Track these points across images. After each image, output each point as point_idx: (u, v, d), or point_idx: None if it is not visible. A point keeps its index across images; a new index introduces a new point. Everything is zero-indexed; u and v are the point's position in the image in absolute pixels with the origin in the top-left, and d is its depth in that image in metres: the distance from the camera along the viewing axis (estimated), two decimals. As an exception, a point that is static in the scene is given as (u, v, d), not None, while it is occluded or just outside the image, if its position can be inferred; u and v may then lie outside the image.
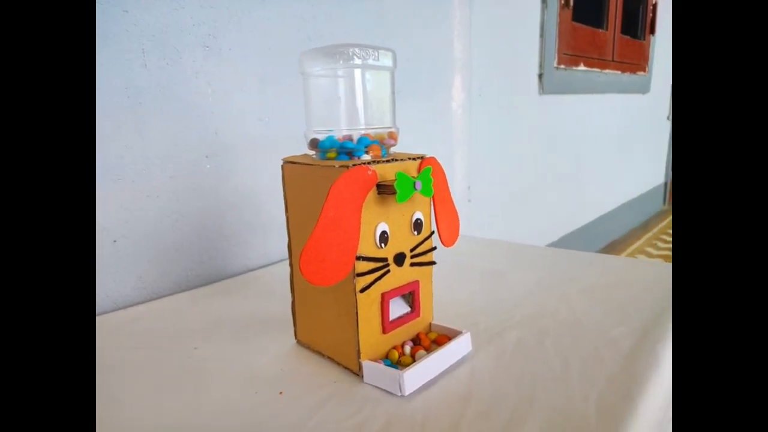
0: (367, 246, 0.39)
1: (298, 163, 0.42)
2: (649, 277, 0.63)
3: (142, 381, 0.41)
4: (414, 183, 0.39)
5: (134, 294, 0.61)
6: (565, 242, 1.77)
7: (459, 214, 0.48)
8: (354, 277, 0.38)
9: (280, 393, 0.39)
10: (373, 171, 0.38)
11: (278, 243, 0.76)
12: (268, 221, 0.75)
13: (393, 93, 0.44)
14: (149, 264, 0.63)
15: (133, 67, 0.58)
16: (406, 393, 0.37)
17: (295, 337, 0.48)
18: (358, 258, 0.38)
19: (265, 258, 0.75)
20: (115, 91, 0.57)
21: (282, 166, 0.44)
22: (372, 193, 0.38)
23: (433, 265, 0.45)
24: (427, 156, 0.44)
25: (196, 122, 0.65)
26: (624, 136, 2.19)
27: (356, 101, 0.42)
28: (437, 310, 0.47)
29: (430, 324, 0.47)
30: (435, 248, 0.45)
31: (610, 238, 2.22)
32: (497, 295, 0.59)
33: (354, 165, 0.37)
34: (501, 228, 1.41)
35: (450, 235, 0.46)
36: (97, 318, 0.56)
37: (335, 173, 0.37)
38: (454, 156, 1.19)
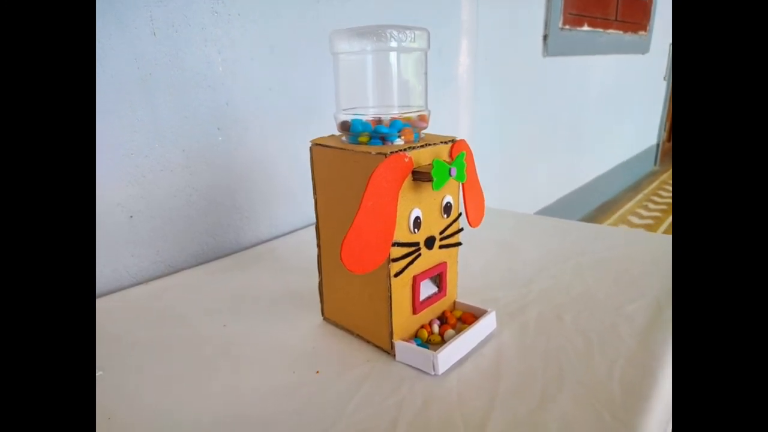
0: (402, 232, 0.39)
1: (329, 147, 0.41)
2: (657, 251, 0.65)
3: (177, 361, 0.42)
4: (449, 170, 0.39)
5: (153, 268, 0.62)
6: (562, 203, 1.79)
7: None
8: (389, 263, 0.39)
9: (317, 372, 0.40)
10: (410, 158, 0.38)
11: (287, 214, 0.76)
12: (278, 192, 0.74)
13: (426, 74, 0.43)
14: (166, 238, 0.62)
15: (142, 36, 0.56)
16: (440, 372, 0.39)
17: (323, 315, 0.49)
18: (394, 244, 0.39)
19: (275, 229, 0.76)
20: (125, 63, 0.55)
21: (311, 148, 0.44)
22: (407, 180, 0.38)
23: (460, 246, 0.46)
24: (458, 138, 0.44)
25: (207, 93, 0.63)
26: (621, 97, 2.18)
27: (389, 84, 0.41)
28: (460, 282, 0.48)
29: (455, 302, 0.48)
30: (462, 229, 0.46)
31: (604, 198, 2.26)
32: (512, 269, 0.61)
33: (391, 153, 0.37)
34: (501, 192, 1.42)
35: (477, 216, 0.47)
36: (120, 293, 0.56)
37: (373, 161, 0.37)
38: (458, 121, 1.17)
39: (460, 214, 0.45)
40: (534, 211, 1.65)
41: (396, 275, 0.40)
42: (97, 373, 0.40)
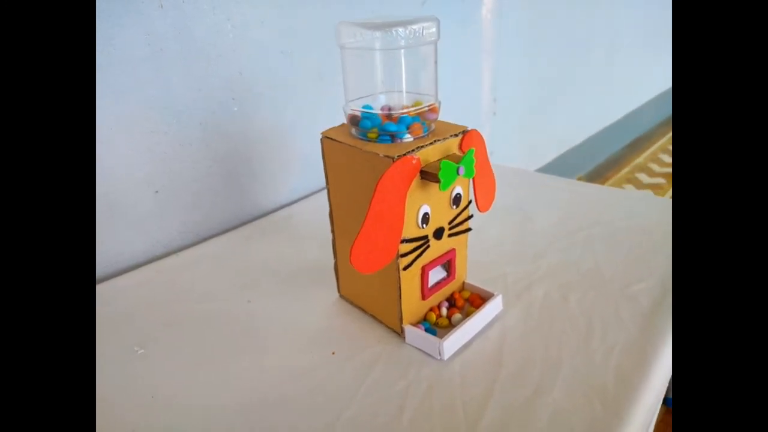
0: (410, 228, 0.41)
1: (339, 142, 0.42)
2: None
3: (208, 338, 0.47)
4: (457, 169, 0.39)
5: (180, 237, 0.65)
6: (589, 144, 1.74)
7: (483, 128, 0.48)
8: (398, 258, 0.41)
9: (333, 353, 0.44)
10: (418, 159, 0.38)
11: (303, 178, 0.78)
12: (293, 157, 0.75)
13: (436, 65, 0.41)
14: (190, 209, 0.65)
15: (149, 10, 0.54)
16: (445, 358, 0.42)
17: (339, 292, 0.52)
18: (402, 241, 0.40)
19: (294, 193, 0.77)
20: (134, 40, 0.54)
21: (321, 140, 0.44)
22: (415, 178, 0.39)
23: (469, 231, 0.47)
24: (469, 129, 0.43)
25: (219, 63, 0.62)
26: (651, 32, 2.00)
27: (398, 77, 0.40)
28: (470, 257, 0.49)
29: (464, 283, 0.50)
30: (471, 216, 0.47)
31: (638, 133, 2.17)
32: (523, 240, 0.62)
33: (398, 157, 0.37)
34: (525, 137, 1.38)
35: (486, 201, 0.48)
36: (154, 264, 0.60)
37: (380, 164, 0.38)
38: (481, 66, 1.12)
39: (470, 202, 0.46)
40: (562, 152, 1.61)
41: (405, 268, 0.42)
42: (138, 351, 0.45)
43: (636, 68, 1.92)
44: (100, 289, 0.55)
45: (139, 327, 0.48)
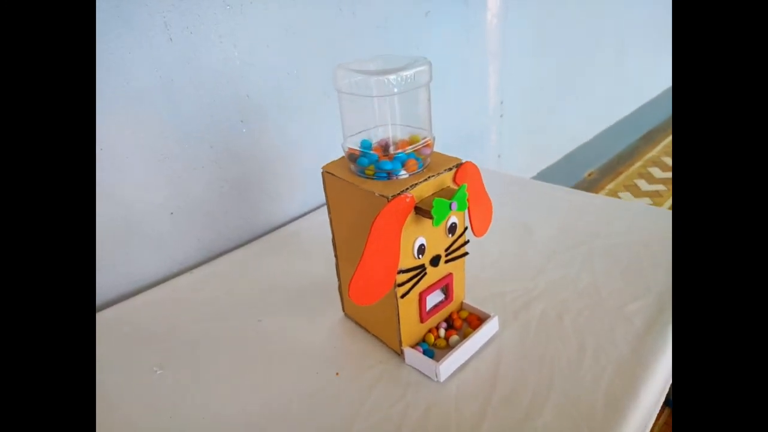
0: (406, 259, 0.43)
1: (338, 177, 0.44)
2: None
3: (222, 358, 0.50)
4: (450, 205, 0.41)
5: (196, 254, 0.69)
6: (600, 139, 1.73)
7: (490, 131, 0.49)
8: (395, 287, 0.43)
9: (337, 374, 0.47)
10: (411, 198, 0.40)
11: (311, 192, 0.80)
12: (300, 172, 0.78)
13: (429, 102, 0.43)
14: (204, 228, 0.69)
15: (159, 43, 0.57)
16: (442, 380, 0.45)
17: (343, 311, 0.55)
18: (399, 271, 0.42)
19: (303, 205, 0.80)
20: (147, 73, 0.57)
21: (322, 173, 0.46)
22: (410, 213, 0.41)
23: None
24: (463, 162, 0.45)
25: (227, 88, 0.65)
26: (660, 28, 1.95)
27: (393, 116, 0.42)
28: (471, 273, 0.51)
29: (462, 303, 0.52)
30: (468, 241, 0.49)
31: (650, 126, 2.13)
32: (523, 254, 0.63)
33: (393, 197, 0.39)
34: (533, 137, 1.38)
35: (482, 226, 0.49)
36: (170, 282, 0.64)
37: (376, 202, 0.40)
38: (487, 69, 1.13)
39: (466, 228, 0.48)
40: (572, 149, 1.60)
41: (402, 296, 0.44)
42: (157, 372, 0.49)
43: (647, 60, 1.89)
44: (120, 308, 0.59)
45: (158, 347, 0.52)
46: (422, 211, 0.41)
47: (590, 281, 0.57)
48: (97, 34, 0.52)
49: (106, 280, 0.60)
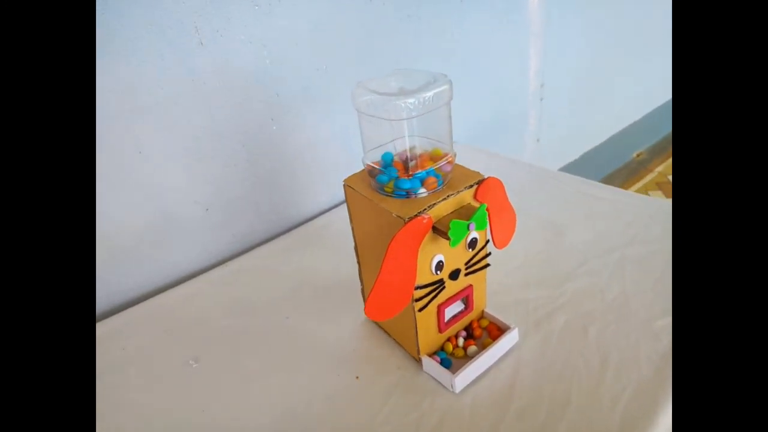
0: (424, 275, 0.43)
1: (358, 192, 0.45)
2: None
3: (252, 354, 0.53)
4: (468, 225, 0.40)
5: (229, 248, 0.72)
6: (649, 119, 1.62)
7: (529, 115, 0.48)
8: (413, 302, 0.44)
9: (357, 378, 0.49)
10: (429, 219, 0.40)
11: (339, 185, 0.80)
12: (331, 166, 0.78)
13: (449, 119, 0.42)
14: (237, 222, 0.71)
15: (191, 47, 0.58)
16: (457, 391, 0.46)
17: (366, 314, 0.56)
18: (416, 287, 0.43)
19: (332, 198, 0.81)
20: (179, 78, 0.59)
21: (344, 186, 0.47)
22: (428, 232, 0.41)
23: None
24: (485, 178, 0.44)
25: (257, 88, 0.66)
26: None
27: (413, 132, 0.41)
28: (495, 277, 0.51)
29: (483, 311, 0.53)
30: (490, 254, 0.48)
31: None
32: (551, 259, 0.62)
33: (409, 219, 0.39)
34: (575, 119, 1.32)
35: (504, 238, 0.49)
36: (204, 275, 0.67)
37: (393, 223, 0.40)
38: (528, 51, 1.07)
39: (487, 241, 0.48)
40: (618, 130, 1.52)
41: (420, 310, 0.45)
42: (193, 365, 0.52)
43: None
44: (159, 300, 0.63)
45: (192, 340, 0.56)
46: (440, 231, 0.41)
47: (620, 291, 0.56)
48: (131, 41, 0.54)
49: (146, 274, 0.65)
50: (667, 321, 0.51)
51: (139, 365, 0.53)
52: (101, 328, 0.58)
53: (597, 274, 0.59)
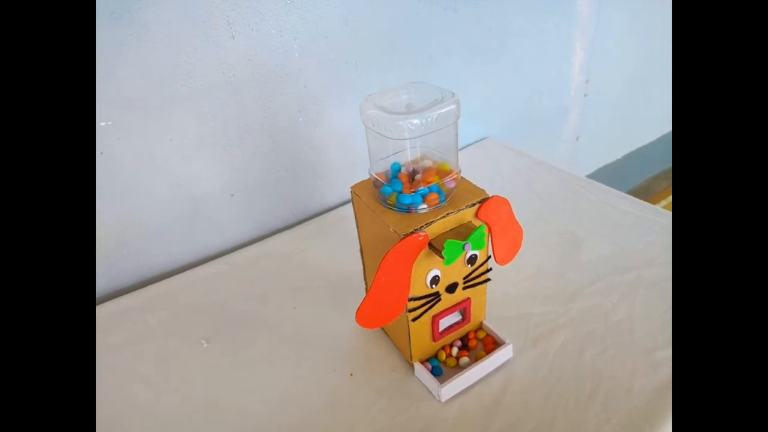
0: (419, 288, 0.44)
1: (363, 201, 0.46)
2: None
3: (260, 341, 0.56)
4: (463, 246, 0.41)
5: (252, 232, 0.76)
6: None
7: (571, 111, 0.47)
8: (406, 312, 0.45)
9: (351, 375, 0.51)
10: (425, 236, 0.41)
11: (360, 178, 0.82)
12: (355, 158, 0.79)
13: (456, 137, 0.42)
14: (261, 209, 0.75)
15: (223, 41, 0.60)
16: (443, 400, 0.47)
17: (370, 311, 0.58)
18: (410, 299, 0.44)
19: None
20: (211, 70, 0.61)
21: (351, 191, 0.48)
22: (424, 249, 0.42)
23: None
24: (488, 197, 0.44)
25: (287, 81, 0.67)
26: None
27: (420, 147, 0.42)
28: (500, 288, 0.51)
29: (482, 322, 0.53)
30: (491, 269, 0.49)
31: None
32: (563, 275, 0.61)
33: (404, 235, 0.40)
34: (620, 119, 1.26)
35: (507, 255, 0.49)
36: (227, 257, 0.71)
37: (389, 237, 0.41)
38: (573, 46, 1.03)
39: (489, 257, 0.48)
40: (668, 131, 1.43)
41: (413, 320, 0.46)
42: (204, 345, 0.56)
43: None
44: (184, 277, 0.67)
45: (206, 320, 0.59)
46: (435, 249, 0.41)
47: (626, 315, 0.55)
48: (166, 35, 0.57)
49: (174, 254, 0.69)
50: (668, 353, 0.50)
51: (157, 339, 0.57)
52: (129, 300, 0.63)
53: (607, 294, 0.58)
